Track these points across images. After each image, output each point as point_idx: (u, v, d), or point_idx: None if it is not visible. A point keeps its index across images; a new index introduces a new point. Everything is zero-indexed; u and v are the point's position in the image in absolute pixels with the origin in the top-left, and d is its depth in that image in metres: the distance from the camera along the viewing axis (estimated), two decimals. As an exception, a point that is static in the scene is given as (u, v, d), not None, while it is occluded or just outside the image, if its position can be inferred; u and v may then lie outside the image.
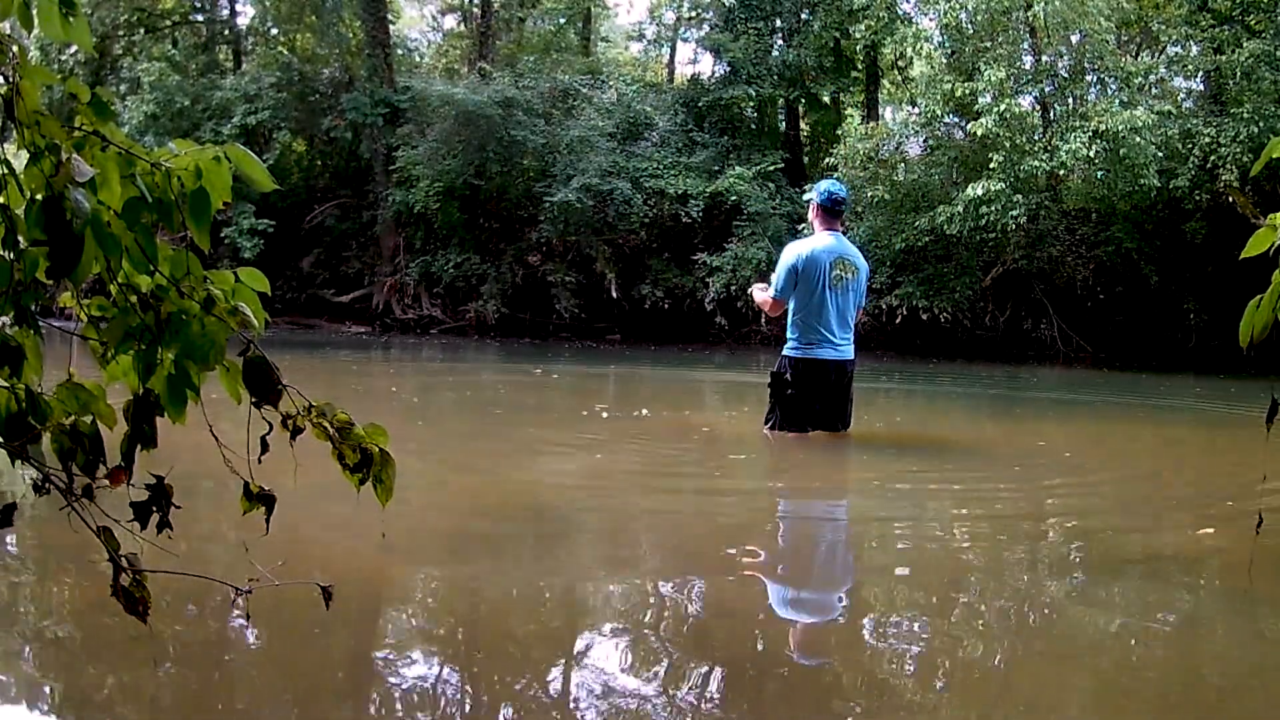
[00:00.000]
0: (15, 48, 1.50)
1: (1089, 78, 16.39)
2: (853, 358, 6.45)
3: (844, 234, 6.62)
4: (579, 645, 3.01)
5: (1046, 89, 16.19)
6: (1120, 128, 14.15)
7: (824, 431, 6.44)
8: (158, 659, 2.67)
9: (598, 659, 2.88)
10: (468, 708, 2.53)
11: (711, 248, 19.12)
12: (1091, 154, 14.53)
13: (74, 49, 20.70)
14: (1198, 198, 15.40)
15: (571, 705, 2.53)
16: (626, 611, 3.33)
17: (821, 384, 6.29)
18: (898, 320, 17.69)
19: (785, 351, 6.38)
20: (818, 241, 6.31)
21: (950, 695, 2.67)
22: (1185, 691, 2.76)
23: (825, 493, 5.64)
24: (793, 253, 6.33)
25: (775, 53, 20.53)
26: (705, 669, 2.83)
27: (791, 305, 6.29)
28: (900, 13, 17.63)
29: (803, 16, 20.51)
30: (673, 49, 25.42)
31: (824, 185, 6.46)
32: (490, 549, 4.03)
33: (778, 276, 6.34)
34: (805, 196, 6.79)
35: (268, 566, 2.22)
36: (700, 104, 20.68)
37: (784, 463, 6.53)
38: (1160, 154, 14.69)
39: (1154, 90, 16.34)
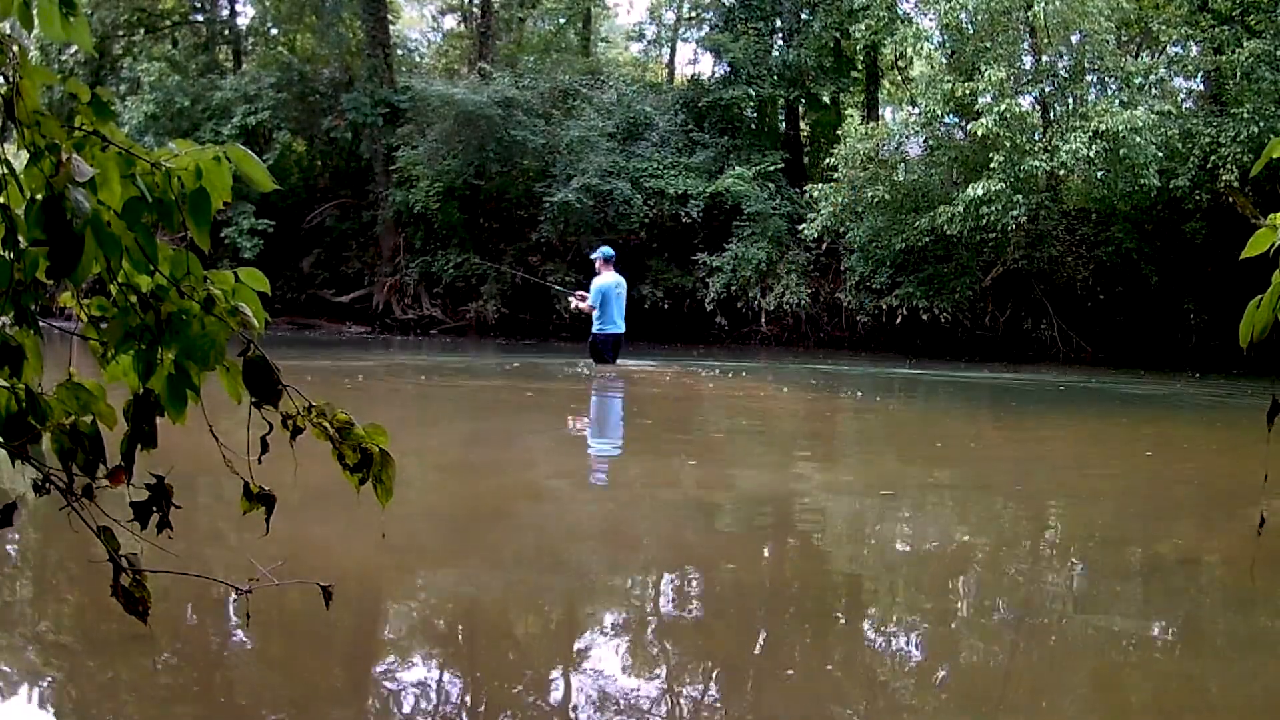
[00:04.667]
0: (15, 48, 1.50)
1: (1089, 78, 16.36)
2: (624, 331, 11.78)
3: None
4: (578, 643, 3.01)
5: (1046, 89, 16.18)
6: (1120, 128, 14.14)
7: (618, 364, 11.56)
8: (158, 659, 2.67)
9: (597, 658, 2.88)
10: (467, 706, 2.53)
11: (711, 248, 19.12)
12: (1091, 154, 14.52)
13: (74, 49, 20.68)
14: (1198, 198, 15.38)
15: (571, 704, 2.53)
16: (626, 610, 3.33)
17: (616, 345, 11.64)
18: (898, 320, 17.69)
19: (594, 331, 11.53)
20: (611, 278, 11.50)
21: (950, 696, 2.67)
22: (1186, 693, 2.76)
23: (825, 493, 5.64)
24: (604, 283, 11.40)
25: (775, 53, 20.50)
26: (705, 668, 2.83)
27: (597, 310, 11.43)
28: (900, 13, 17.59)
29: (803, 16, 20.48)
30: (673, 49, 25.41)
31: (601, 250, 11.81)
32: (490, 548, 4.03)
33: (594, 295, 11.41)
34: (593, 255, 11.96)
35: (268, 566, 2.22)
36: (700, 104, 20.66)
37: (785, 462, 6.53)
38: (1160, 154, 14.67)
39: (1154, 90, 16.29)
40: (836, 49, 20.56)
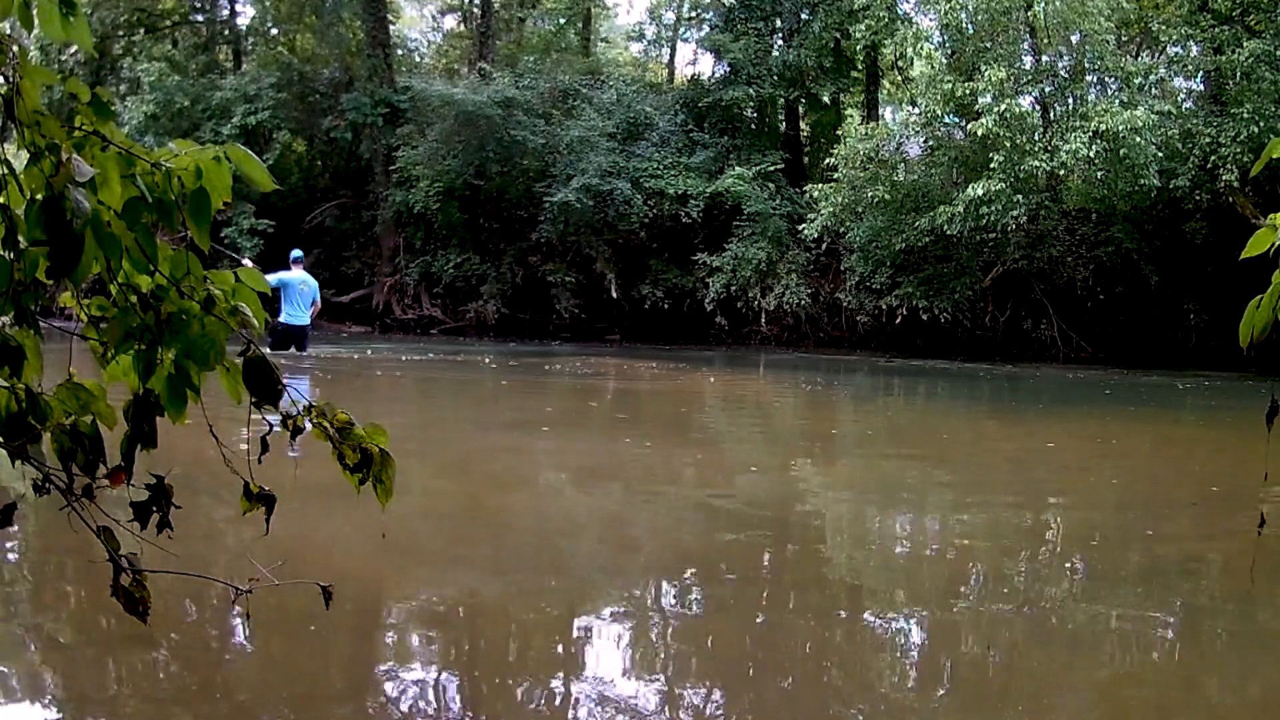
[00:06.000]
0: (15, 48, 1.50)
1: (1089, 78, 16.36)
2: (309, 323, 13.26)
3: (310, 269, 14.08)
4: (578, 644, 3.01)
5: (1046, 89, 16.18)
6: (1120, 128, 14.14)
7: (296, 350, 12.92)
8: (157, 659, 2.67)
9: (597, 659, 2.88)
10: (467, 707, 2.53)
11: (711, 248, 19.12)
12: (1091, 154, 14.51)
13: (74, 49, 20.67)
14: (1198, 198, 15.38)
15: (572, 704, 2.53)
16: (625, 611, 3.33)
17: (298, 334, 13.04)
18: (898, 320, 17.69)
19: (279, 320, 12.80)
20: (297, 274, 12.99)
21: (950, 696, 2.67)
22: (1186, 693, 2.76)
23: (825, 493, 5.64)
24: (287, 276, 12.84)
25: (775, 53, 20.49)
26: (704, 669, 2.83)
27: (284, 300, 12.77)
28: (900, 13, 17.59)
29: (803, 17, 20.48)
30: (673, 49, 25.42)
31: (292, 252, 13.59)
32: (490, 548, 4.03)
33: (274, 280, 12.27)
34: (292, 256, 13.50)
35: (268, 566, 2.22)
36: (700, 104, 20.66)
37: (783, 462, 6.53)
38: (1160, 154, 14.67)
39: (1154, 90, 16.30)
40: (836, 49, 20.56)
